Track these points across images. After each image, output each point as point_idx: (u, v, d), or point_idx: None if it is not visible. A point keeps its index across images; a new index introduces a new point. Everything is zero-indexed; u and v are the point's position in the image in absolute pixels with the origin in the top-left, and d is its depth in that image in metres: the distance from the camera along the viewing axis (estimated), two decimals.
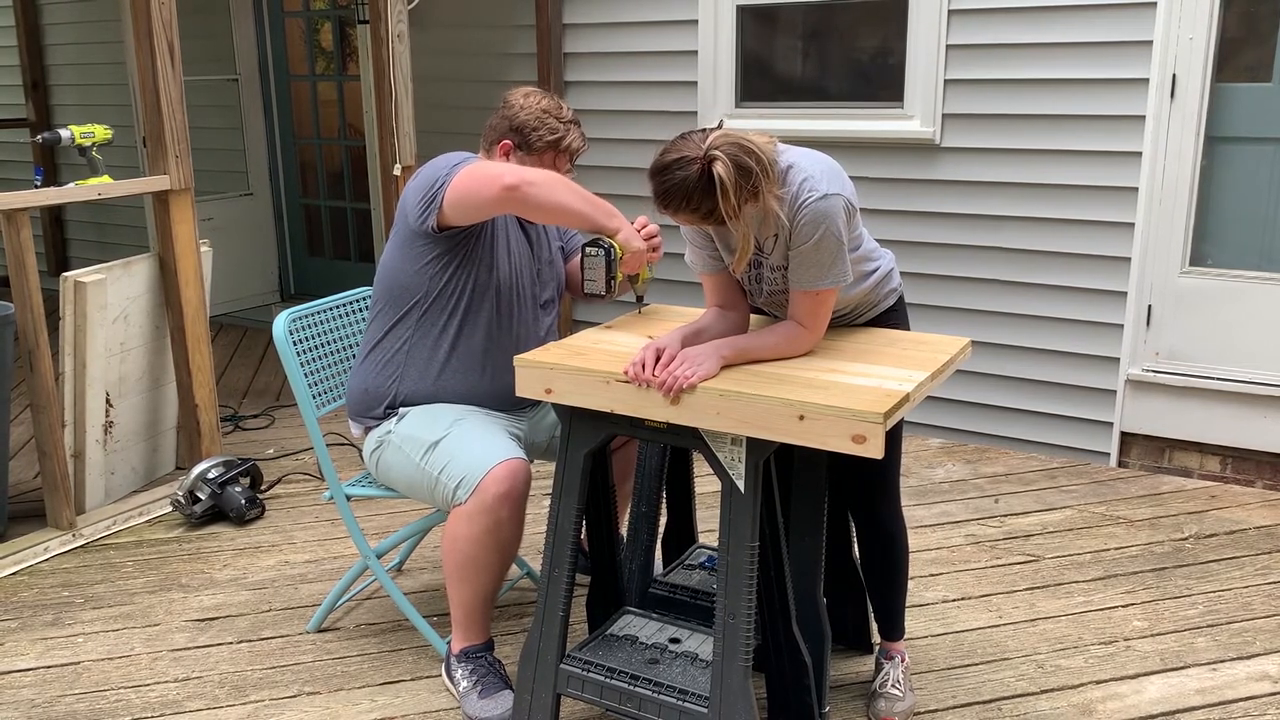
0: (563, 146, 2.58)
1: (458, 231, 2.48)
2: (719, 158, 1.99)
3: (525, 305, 2.64)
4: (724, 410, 1.95)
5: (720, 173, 1.98)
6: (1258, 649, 2.77)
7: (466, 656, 2.53)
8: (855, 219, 2.23)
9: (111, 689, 2.68)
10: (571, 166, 2.64)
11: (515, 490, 2.37)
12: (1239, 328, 3.77)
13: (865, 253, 2.33)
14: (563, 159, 2.60)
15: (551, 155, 2.58)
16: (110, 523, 3.59)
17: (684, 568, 2.74)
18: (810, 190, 2.11)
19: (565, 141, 2.58)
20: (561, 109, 2.61)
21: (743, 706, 2.05)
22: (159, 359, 3.83)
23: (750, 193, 2.03)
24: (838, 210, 2.12)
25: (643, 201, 2.13)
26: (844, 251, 2.16)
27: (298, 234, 6.59)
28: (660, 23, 4.61)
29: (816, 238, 2.11)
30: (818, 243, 2.12)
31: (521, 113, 2.57)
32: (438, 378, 2.58)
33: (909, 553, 2.53)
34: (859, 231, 2.29)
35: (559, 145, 2.58)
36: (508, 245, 2.61)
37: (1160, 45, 3.65)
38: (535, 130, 2.55)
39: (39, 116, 6.98)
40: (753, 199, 2.04)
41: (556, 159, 2.59)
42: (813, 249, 2.13)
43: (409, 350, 2.58)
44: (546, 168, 2.55)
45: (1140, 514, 3.61)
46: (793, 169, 2.14)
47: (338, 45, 6.26)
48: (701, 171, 2.00)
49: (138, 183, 3.72)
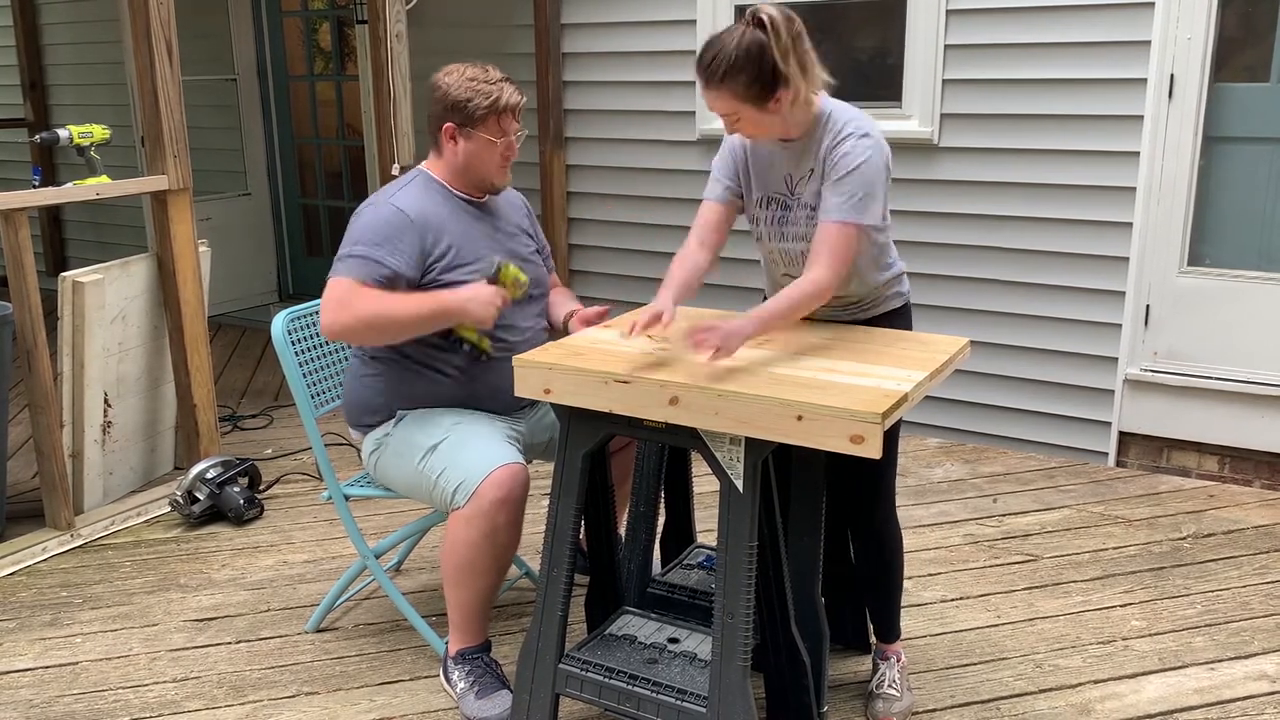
0: (502, 106, 2.53)
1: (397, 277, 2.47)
2: (764, 9, 2.10)
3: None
4: (722, 410, 1.95)
5: (770, 14, 2.08)
6: (1255, 648, 2.77)
7: (463, 658, 2.53)
8: (888, 187, 2.25)
9: (110, 689, 2.68)
10: (519, 124, 2.59)
11: (512, 495, 2.37)
12: (1237, 327, 3.77)
13: (888, 242, 2.37)
14: (508, 119, 2.55)
15: (495, 120, 2.53)
16: (108, 523, 3.59)
17: (682, 567, 2.74)
18: (857, 128, 2.18)
19: (502, 101, 2.53)
20: (488, 72, 2.56)
21: (741, 706, 2.05)
22: (157, 359, 3.83)
23: (797, 55, 2.11)
24: (881, 153, 2.17)
25: (643, 201, 2.14)
26: (879, 195, 2.18)
27: (296, 234, 6.59)
28: (659, 23, 4.61)
29: (857, 165, 2.15)
30: (857, 170, 2.15)
31: (451, 90, 2.53)
32: (429, 386, 2.58)
33: (903, 555, 2.54)
34: (888, 213, 2.30)
35: (498, 107, 2.52)
36: (479, 254, 2.57)
37: (1158, 45, 3.65)
38: (470, 101, 2.51)
39: (37, 116, 6.98)
40: (799, 66, 2.11)
41: (501, 120, 2.54)
42: (850, 175, 2.15)
43: (397, 361, 2.59)
44: (493, 135, 2.52)
45: (1138, 514, 3.61)
46: (834, 113, 2.22)
47: (336, 45, 6.26)
48: (747, 28, 2.10)
49: (136, 183, 3.71)
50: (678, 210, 4.71)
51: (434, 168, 2.64)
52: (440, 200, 2.58)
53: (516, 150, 2.61)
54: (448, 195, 2.60)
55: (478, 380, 2.59)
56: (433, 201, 2.56)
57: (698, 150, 4.62)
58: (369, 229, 2.48)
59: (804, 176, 2.25)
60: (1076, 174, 3.89)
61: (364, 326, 2.44)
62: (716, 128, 4.54)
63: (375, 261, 2.44)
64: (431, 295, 2.48)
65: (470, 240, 2.58)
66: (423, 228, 2.50)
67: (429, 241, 2.51)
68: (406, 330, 2.48)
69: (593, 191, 4.96)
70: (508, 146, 2.58)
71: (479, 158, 2.57)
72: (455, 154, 2.57)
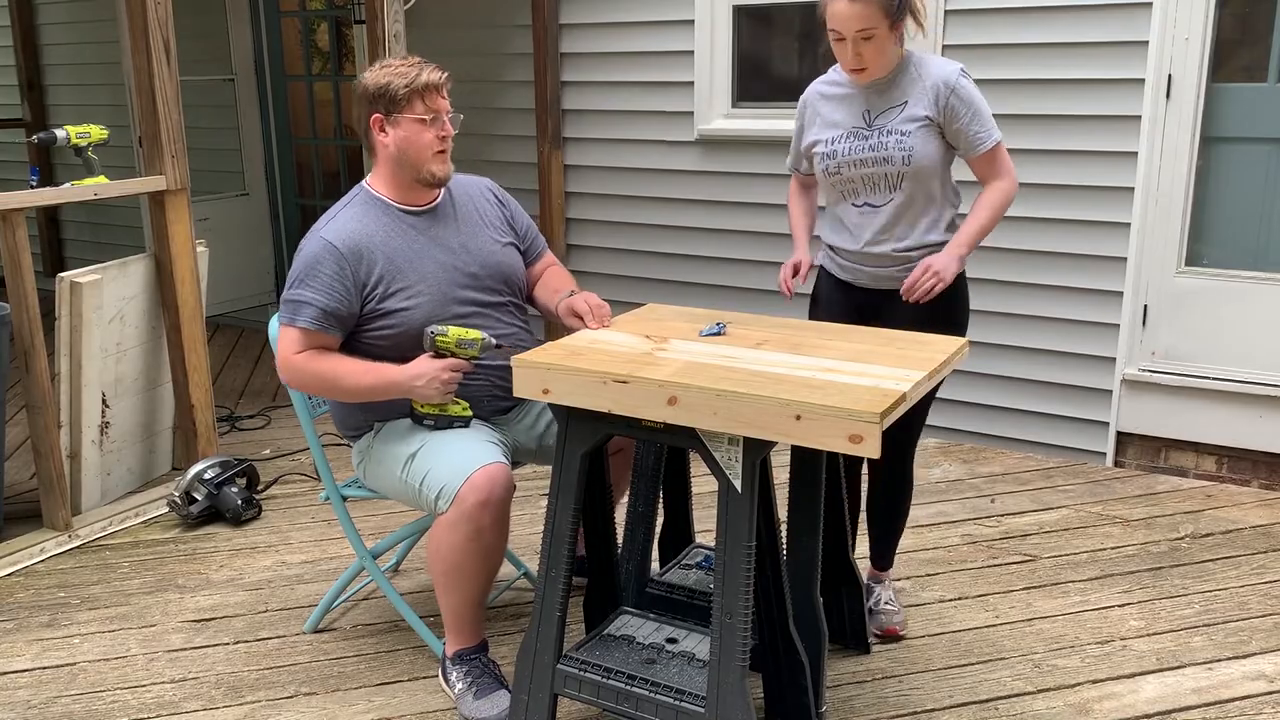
0: (422, 84, 2.47)
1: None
2: None
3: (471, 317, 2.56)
4: (721, 410, 1.95)
5: None
6: (1254, 648, 2.78)
7: (461, 658, 2.53)
8: None
9: (108, 690, 2.68)
10: (448, 101, 2.53)
11: (494, 496, 2.34)
12: (1235, 327, 3.77)
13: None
14: (433, 96, 2.49)
15: (419, 99, 2.47)
16: (106, 523, 3.58)
17: (681, 567, 2.74)
18: (958, 68, 2.54)
19: (422, 79, 2.47)
20: (406, 58, 2.52)
21: (740, 706, 2.05)
22: (155, 359, 3.82)
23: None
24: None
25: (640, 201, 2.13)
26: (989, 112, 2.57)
27: (294, 234, 6.58)
28: (657, 23, 4.61)
29: (978, 98, 2.53)
30: (981, 101, 2.54)
31: (369, 81, 2.49)
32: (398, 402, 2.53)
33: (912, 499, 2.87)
34: None
35: (418, 85, 2.47)
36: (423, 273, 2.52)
37: (1156, 45, 3.66)
38: (388, 87, 2.46)
39: (35, 116, 6.97)
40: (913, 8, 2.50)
41: (426, 98, 2.48)
42: (979, 106, 2.53)
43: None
44: (420, 114, 2.47)
45: (1136, 514, 3.61)
46: (916, 56, 2.58)
47: (334, 45, 6.26)
48: None
49: (133, 183, 3.71)
50: (676, 210, 4.71)
51: (375, 181, 2.59)
52: (377, 217, 2.52)
53: (451, 131, 2.53)
54: (386, 209, 2.55)
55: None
56: (369, 222, 2.51)
57: (696, 150, 4.62)
58: (299, 267, 2.47)
59: (886, 109, 2.54)
60: (1074, 174, 3.89)
61: (315, 385, 2.51)
62: (715, 128, 4.55)
63: (304, 303, 2.43)
64: (377, 369, 2.45)
65: (409, 260, 2.51)
66: (354, 259, 2.45)
67: (362, 271, 2.46)
68: (357, 397, 2.52)
69: (591, 192, 4.96)
70: (441, 127, 2.51)
71: (412, 144, 2.49)
72: (388, 146, 2.51)
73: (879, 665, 2.72)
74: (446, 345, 2.44)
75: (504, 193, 2.80)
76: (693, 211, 4.69)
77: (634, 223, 4.85)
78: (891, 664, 2.73)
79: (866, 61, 2.47)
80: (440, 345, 2.43)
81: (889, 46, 2.48)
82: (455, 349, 2.44)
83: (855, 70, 2.51)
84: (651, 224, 4.79)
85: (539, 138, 4.92)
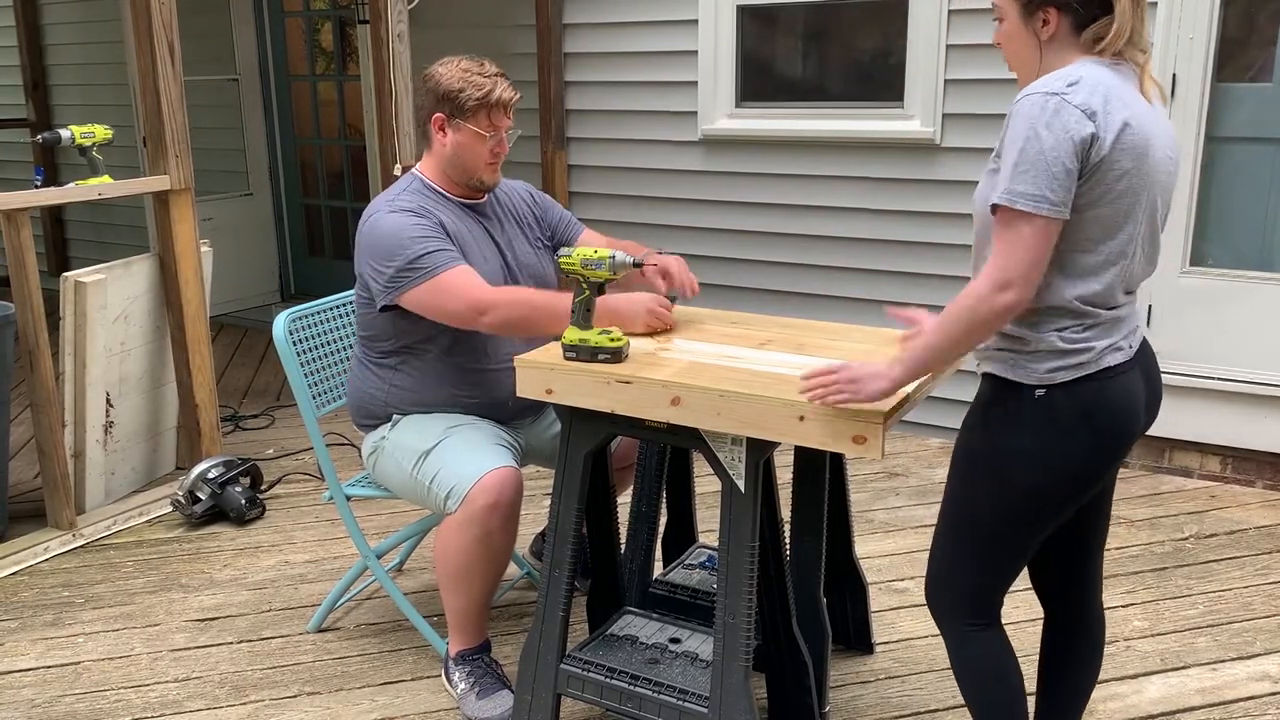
0: (494, 100, 2.49)
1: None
2: None
3: None
4: (724, 410, 1.95)
5: None
6: (1258, 649, 2.77)
7: (464, 658, 2.53)
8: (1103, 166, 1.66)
9: (111, 689, 2.68)
10: (511, 121, 2.55)
11: (504, 500, 2.35)
12: (1239, 328, 3.76)
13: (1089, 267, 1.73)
14: (499, 114, 2.51)
15: (485, 113, 2.49)
16: (110, 523, 3.59)
17: (684, 567, 2.74)
18: (1047, 85, 1.68)
19: (495, 95, 2.49)
20: (484, 65, 2.52)
21: (743, 706, 2.05)
22: (159, 359, 3.83)
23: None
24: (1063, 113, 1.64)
25: (644, 201, 2.12)
26: (1045, 166, 1.64)
27: (298, 234, 6.59)
28: (660, 23, 4.61)
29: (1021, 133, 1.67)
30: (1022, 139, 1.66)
31: (444, 80, 2.49)
32: (428, 392, 2.56)
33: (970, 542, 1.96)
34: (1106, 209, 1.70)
35: (489, 100, 2.48)
36: (480, 255, 2.54)
37: (1160, 45, 3.65)
38: (462, 92, 2.47)
39: (39, 116, 6.98)
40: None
41: (492, 115, 2.50)
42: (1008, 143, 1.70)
43: (396, 367, 2.58)
44: (483, 129, 2.48)
45: (1140, 514, 3.60)
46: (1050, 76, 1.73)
47: (338, 45, 6.26)
48: None
49: (138, 183, 3.72)
50: (680, 210, 4.71)
51: (426, 168, 2.61)
52: (436, 201, 2.56)
53: (507, 148, 2.56)
54: (441, 197, 2.58)
55: (477, 388, 2.58)
56: (429, 205, 2.54)
57: (700, 151, 4.62)
58: (390, 237, 2.42)
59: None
60: None
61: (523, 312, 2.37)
62: (718, 128, 4.55)
63: (429, 252, 2.39)
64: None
65: (468, 243, 2.54)
66: (431, 223, 2.48)
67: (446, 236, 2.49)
68: (562, 322, 2.21)
69: (595, 192, 4.96)
70: (498, 143, 2.53)
71: (467, 151, 2.51)
72: (444, 145, 2.53)
73: (882, 665, 2.72)
74: (571, 267, 2.18)
75: (540, 193, 2.84)
76: (696, 211, 4.69)
77: (638, 223, 4.84)
78: (895, 664, 2.72)
79: (1004, 51, 1.91)
80: (565, 268, 2.20)
81: (1023, 41, 1.84)
82: (581, 270, 2.18)
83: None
84: (655, 224, 4.79)
85: (542, 138, 4.92)
